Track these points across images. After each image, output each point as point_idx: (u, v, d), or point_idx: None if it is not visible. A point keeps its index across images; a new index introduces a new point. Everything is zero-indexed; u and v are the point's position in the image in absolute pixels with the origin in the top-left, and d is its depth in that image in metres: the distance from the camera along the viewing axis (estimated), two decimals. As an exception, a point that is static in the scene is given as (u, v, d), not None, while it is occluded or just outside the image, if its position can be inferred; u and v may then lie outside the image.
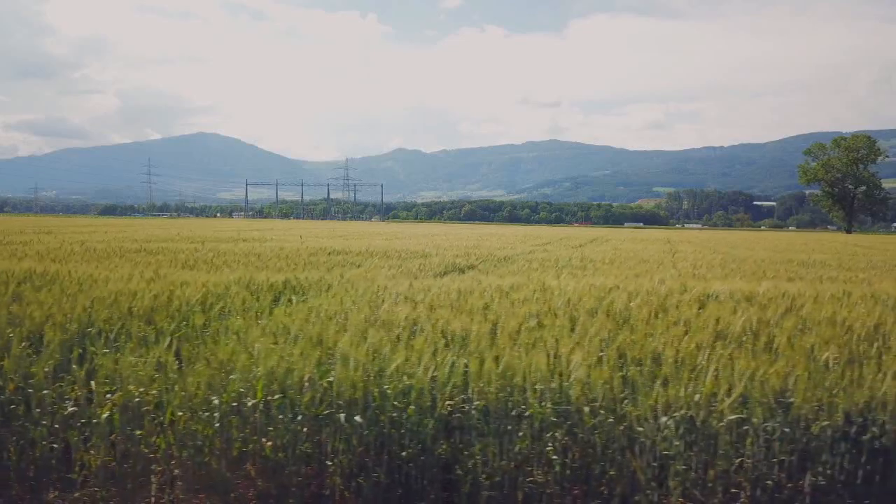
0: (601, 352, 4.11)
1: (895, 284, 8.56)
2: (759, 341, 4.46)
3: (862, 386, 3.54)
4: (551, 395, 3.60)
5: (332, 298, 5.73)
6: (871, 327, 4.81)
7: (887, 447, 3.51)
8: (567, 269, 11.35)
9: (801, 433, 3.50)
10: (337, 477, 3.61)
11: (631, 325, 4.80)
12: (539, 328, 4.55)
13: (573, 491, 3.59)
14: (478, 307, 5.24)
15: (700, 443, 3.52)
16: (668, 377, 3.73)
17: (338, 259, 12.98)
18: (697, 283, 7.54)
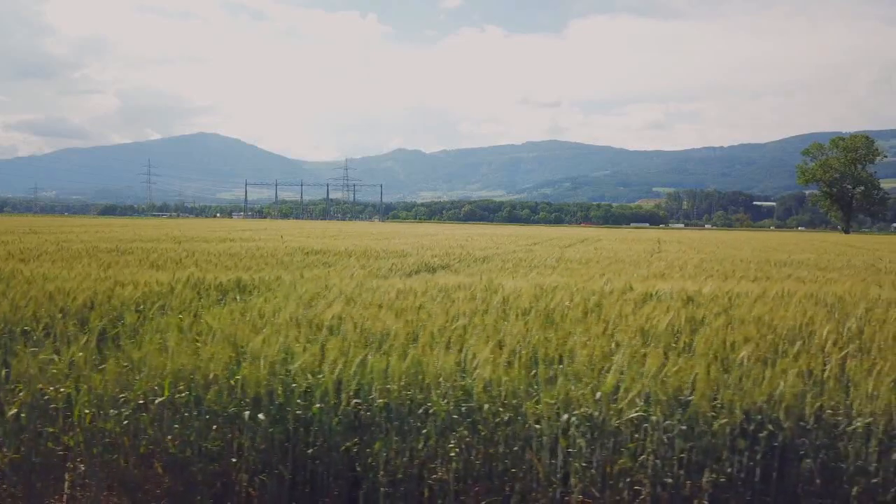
0: (517, 350, 4.14)
1: (854, 285, 8.58)
2: (680, 340, 4.49)
3: (761, 384, 3.57)
4: (454, 393, 3.63)
5: (272, 298, 5.76)
6: (796, 327, 4.83)
7: (784, 445, 3.54)
8: (536, 269, 11.37)
9: (701, 431, 3.53)
10: (243, 474, 3.64)
11: (556, 325, 4.82)
12: (463, 328, 4.58)
13: (475, 488, 3.61)
14: (412, 306, 5.27)
15: (601, 440, 3.55)
16: (578, 375, 3.76)
17: (312, 259, 13.01)
18: (652, 282, 7.57)
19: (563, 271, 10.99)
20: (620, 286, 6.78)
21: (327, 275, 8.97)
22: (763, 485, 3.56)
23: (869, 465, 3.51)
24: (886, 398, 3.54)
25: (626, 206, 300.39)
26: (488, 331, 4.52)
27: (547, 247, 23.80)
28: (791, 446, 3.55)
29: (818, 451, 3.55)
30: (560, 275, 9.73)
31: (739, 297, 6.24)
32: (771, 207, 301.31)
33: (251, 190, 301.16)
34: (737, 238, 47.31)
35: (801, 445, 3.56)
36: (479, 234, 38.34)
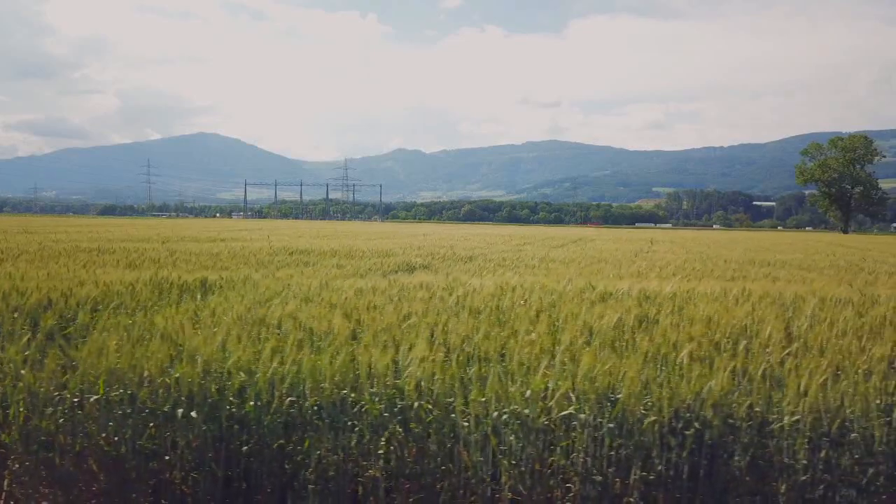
0: (460, 349, 4.16)
1: (825, 286, 8.61)
2: (623, 339, 4.51)
3: (689, 382, 3.59)
4: (387, 392, 3.66)
5: (231, 297, 5.78)
6: (744, 326, 4.85)
7: (713, 443, 3.56)
8: (515, 269, 11.40)
9: (630, 429, 3.55)
10: (177, 471, 3.67)
11: (503, 324, 4.84)
12: (410, 327, 4.60)
13: (406, 486, 3.64)
14: (366, 306, 5.29)
15: (531, 438, 3.57)
16: (511, 374, 3.79)
17: (294, 259, 13.03)
18: (621, 281, 7.59)
19: (540, 271, 11.02)
20: (582, 285, 6.80)
21: (300, 274, 8.99)
22: (692, 482, 3.58)
23: (797, 463, 3.54)
24: (814, 396, 3.56)
25: (625, 207, 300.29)
26: (435, 329, 4.54)
27: (537, 247, 23.81)
28: (720, 444, 3.57)
29: (747, 448, 3.57)
30: (534, 274, 9.75)
31: (699, 297, 6.26)
32: (771, 207, 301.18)
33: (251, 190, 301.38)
34: (733, 238, 47.32)
35: (730, 443, 3.58)
36: (474, 235, 38.35)
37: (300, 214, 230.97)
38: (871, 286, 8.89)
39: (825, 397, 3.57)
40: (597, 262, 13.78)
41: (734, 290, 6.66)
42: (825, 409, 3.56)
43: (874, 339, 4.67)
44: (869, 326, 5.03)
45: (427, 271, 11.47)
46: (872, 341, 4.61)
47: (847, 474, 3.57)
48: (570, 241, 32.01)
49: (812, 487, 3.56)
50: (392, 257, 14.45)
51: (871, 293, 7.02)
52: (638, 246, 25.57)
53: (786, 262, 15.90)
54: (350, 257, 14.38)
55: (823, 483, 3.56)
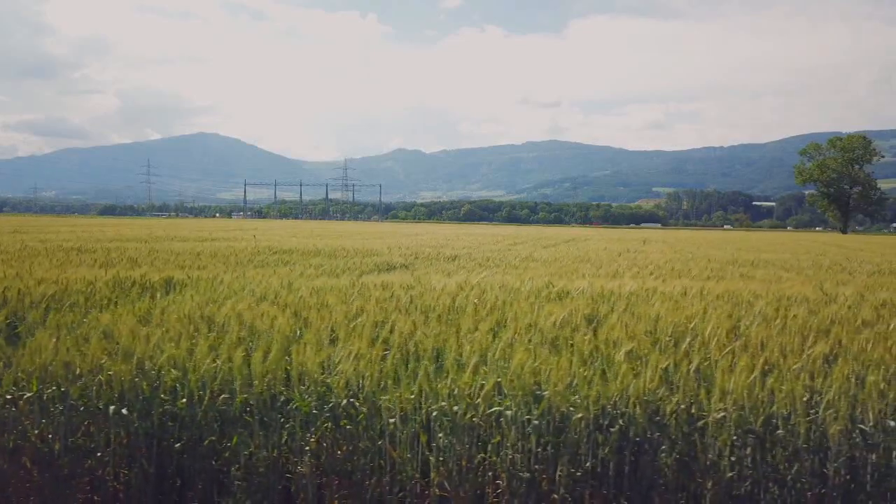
0: (401, 347, 4.19)
1: (794, 285, 8.64)
2: (563, 337, 4.54)
3: (615, 380, 3.62)
4: (317, 389, 3.68)
5: (189, 295, 5.81)
6: (690, 325, 4.88)
7: (637, 439, 3.59)
8: (493, 268, 11.44)
9: (557, 426, 3.58)
10: (110, 468, 3.70)
11: (449, 321, 4.87)
12: (357, 325, 4.63)
13: (335, 482, 3.67)
14: (316, 304, 5.32)
15: (459, 435, 3.59)
16: (446, 371, 3.81)
17: (274, 258, 13.06)
18: (582, 280, 7.61)
19: (517, 270, 11.05)
20: (543, 284, 6.83)
21: (273, 274, 9.01)
22: (619, 479, 3.61)
23: (723, 460, 3.56)
24: (739, 394, 3.59)
25: (625, 207, 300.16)
26: (380, 328, 4.57)
27: (528, 247, 23.83)
28: (647, 441, 3.60)
29: (674, 445, 3.60)
30: (506, 273, 9.78)
31: (658, 295, 6.28)
32: (771, 208, 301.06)
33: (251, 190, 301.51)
34: (728, 238, 47.35)
35: (657, 440, 3.61)
36: (468, 235, 38.37)
37: (300, 214, 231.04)
38: (841, 286, 8.92)
39: (751, 394, 3.60)
40: (579, 261, 13.81)
41: (695, 288, 6.69)
42: (751, 406, 3.58)
43: (818, 338, 4.69)
44: (817, 325, 5.06)
45: (404, 271, 11.49)
46: (815, 339, 4.64)
47: (773, 471, 3.60)
48: (563, 241, 32.03)
49: (738, 484, 3.59)
50: (375, 257, 14.48)
51: (834, 292, 7.05)
52: (629, 246, 25.61)
53: (770, 261, 15.92)
54: (333, 257, 14.40)
55: (749, 480, 3.58)
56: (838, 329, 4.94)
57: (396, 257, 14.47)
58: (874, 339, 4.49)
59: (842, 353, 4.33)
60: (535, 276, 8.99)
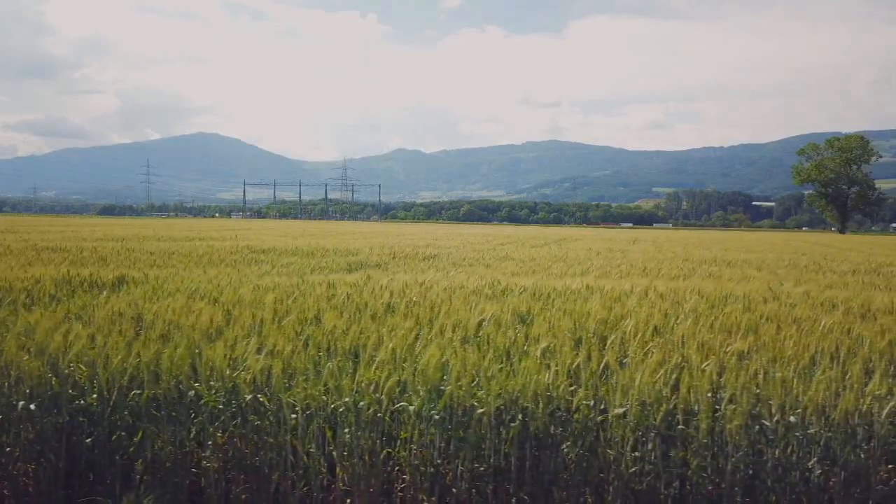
0: (319, 343, 4.23)
1: (754, 284, 8.67)
2: (485, 334, 4.57)
3: (516, 375, 3.65)
4: (225, 384, 3.71)
5: (130, 293, 5.85)
6: (618, 321, 4.91)
7: (538, 434, 3.62)
8: (464, 267, 11.48)
9: (459, 420, 3.61)
10: (20, 464, 3.73)
11: (379, 319, 4.91)
12: (282, 323, 4.66)
13: (240, 477, 3.70)
14: (252, 301, 5.36)
15: (364, 429, 3.62)
16: (358, 367, 3.84)
17: (248, 257, 13.10)
18: (527, 278, 7.65)
19: (487, 269, 11.09)
20: (490, 282, 6.86)
21: (236, 272, 9.05)
22: (520, 474, 3.64)
23: (625, 455, 3.59)
24: (639, 389, 3.62)
25: (624, 207, 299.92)
26: (305, 325, 4.60)
27: (514, 247, 23.86)
28: (550, 436, 3.63)
29: (576, 440, 3.63)
30: (473, 272, 9.81)
31: (599, 293, 6.31)
32: (770, 208, 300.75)
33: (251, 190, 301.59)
34: (721, 238, 47.35)
35: (559, 435, 3.64)
36: (459, 235, 38.41)
37: (299, 214, 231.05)
38: (802, 284, 8.97)
39: (653, 391, 3.62)
40: (554, 261, 13.85)
41: (642, 287, 6.72)
42: (651, 402, 3.61)
43: (745, 335, 4.73)
44: (747, 322, 5.08)
45: (375, 270, 11.53)
46: (740, 336, 4.67)
47: (675, 467, 3.63)
48: (554, 241, 32.05)
49: (640, 479, 3.62)
50: (352, 256, 14.53)
51: (782, 290, 7.08)
52: (616, 245, 25.66)
53: (747, 261, 15.96)
54: (310, 256, 14.45)
55: (651, 475, 3.61)
56: (766, 327, 4.97)
57: (373, 257, 14.52)
58: (796, 336, 4.52)
59: (759, 349, 4.36)
60: (496, 276, 9.03)
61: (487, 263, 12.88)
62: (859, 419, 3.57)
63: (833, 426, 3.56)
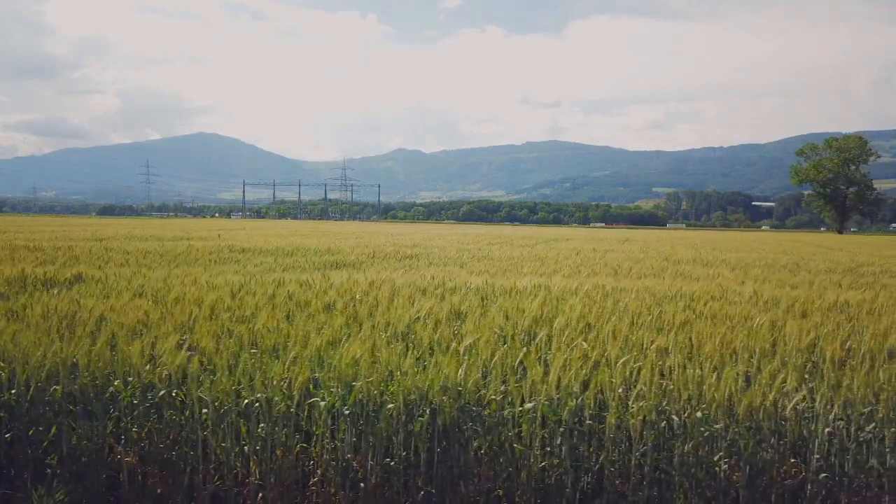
0: (244, 341, 4.28)
1: (707, 284, 8.71)
2: (415, 330, 4.61)
3: (425, 371, 3.69)
4: (142, 380, 3.76)
5: (80, 292, 5.91)
6: (551, 318, 4.95)
7: (449, 429, 3.66)
8: (437, 267, 11.53)
9: (369, 415, 3.66)
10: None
11: (312, 316, 4.95)
12: (211, 320, 4.71)
13: (156, 470, 3.74)
14: (192, 299, 5.41)
15: (276, 424, 3.67)
16: (275, 362, 3.89)
17: (225, 257, 13.14)
18: (473, 277, 7.69)
19: (456, 268, 11.14)
20: (439, 281, 6.91)
21: (203, 272, 9.10)
22: (429, 468, 3.68)
23: (532, 450, 3.63)
24: (548, 385, 3.66)
25: (624, 207, 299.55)
26: (238, 322, 4.65)
27: (501, 247, 23.88)
28: (461, 431, 3.67)
29: (485, 435, 3.67)
30: (438, 272, 9.86)
31: (546, 291, 6.35)
32: (770, 208, 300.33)
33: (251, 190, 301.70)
34: (715, 238, 47.36)
35: (471, 430, 3.69)
36: (452, 235, 38.45)
37: (298, 214, 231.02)
38: (763, 283, 9.01)
39: (561, 386, 3.67)
40: (533, 260, 13.89)
41: (589, 284, 6.76)
42: (559, 397, 3.65)
43: (673, 332, 4.77)
44: (682, 320, 5.13)
45: (349, 269, 11.56)
46: (668, 333, 4.72)
47: (583, 461, 3.68)
48: (545, 240, 32.07)
49: (549, 473, 3.66)
50: (330, 256, 14.57)
51: (734, 290, 7.12)
52: (603, 246, 25.70)
53: (727, 260, 16.00)
54: (288, 255, 14.50)
55: (560, 469, 3.65)
56: (700, 324, 5.01)
57: (351, 256, 14.56)
58: (722, 333, 4.56)
59: (681, 346, 4.41)
60: (461, 275, 9.07)
61: (462, 263, 12.92)
62: (764, 414, 3.62)
63: (738, 421, 3.61)
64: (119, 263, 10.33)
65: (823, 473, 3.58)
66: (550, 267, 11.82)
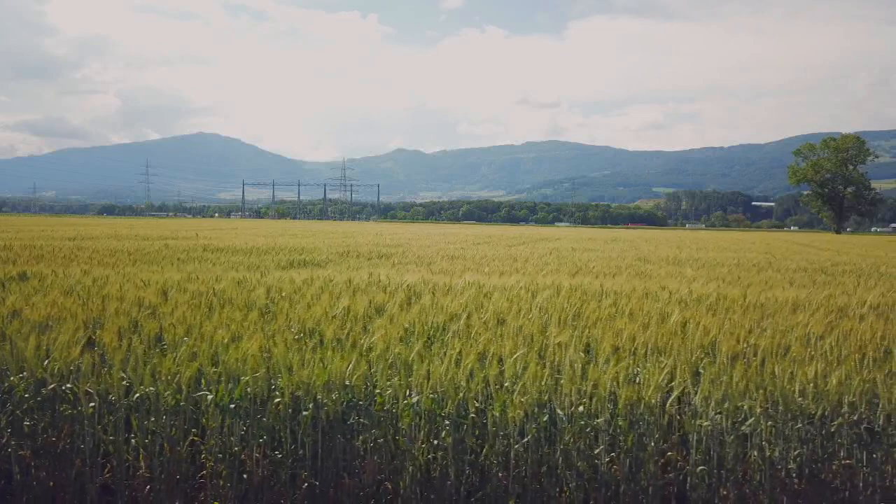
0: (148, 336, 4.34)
1: (656, 283, 8.76)
2: (322, 326, 4.67)
3: (310, 366, 3.75)
4: (34, 376, 3.81)
5: (14, 289, 5.97)
6: (469, 314, 5.01)
7: (331, 423, 3.72)
8: (396, 266, 11.59)
9: (256, 409, 3.71)
10: None
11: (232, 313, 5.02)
12: (117, 315, 4.77)
13: (48, 465, 3.80)
14: (115, 295, 5.47)
15: (164, 418, 3.72)
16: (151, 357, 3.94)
17: (198, 256, 13.19)
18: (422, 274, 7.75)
19: (415, 267, 11.21)
20: (375, 279, 6.98)
21: (161, 270, 9.16)
22: (315, 461, 3.73)
23: (415, 444, 3.69)
24: (434, 380, 3.71)
25: (624, 207, 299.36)
26: (150, 318, 4.70)
27: (489, 247, 23.91)
28: (342, 424, 3.73)
29: (371, 428, 3.72)
30: (395, 271, 9.93)
31: (477, 288, 6.41)
32: (770, 208, 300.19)
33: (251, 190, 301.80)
34: (706, 238, 47.37)
35: (357, 424, 3.74)
36: (442, 234, 38.52)
37: (297, 214, 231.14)
38: (716, 281, 9.05)
39: (449, 379, 3.72)
40: (503, 259, 13.97)
41: (539, 282, 6.82)
42: (444, 391, 3.70)
43: (580, 329, 4.83)
44: (597, 317, 5.18)
45: (312, 267, 11.63)
46: (573, 328, 4.77)
47: (465, 454, 3.73)
48: (532, 240, 32.13)
49: (434, 466, 3.72)
50: (300, 255, 14.64)
51: (675, 287, 7.17)
52: (588, 245, 25.78)
53: (699, 259, 16.07)
54: (261, 254, 14.56)
55: (444, 462, 3.70)
56: (619, 321, 5.06)
57: (321, 255, 14.62)
58: (629, 329, 4.61)
59: (582, 341, 4.46)
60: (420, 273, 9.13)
61: (430, 262, 12.98)
62: (645, 409, 3.67)
63: (620, 415, 3.66)
64: (80, 262, 10.38)
65: (701, 466, 3.63)
66: (513, 266, 11.88)
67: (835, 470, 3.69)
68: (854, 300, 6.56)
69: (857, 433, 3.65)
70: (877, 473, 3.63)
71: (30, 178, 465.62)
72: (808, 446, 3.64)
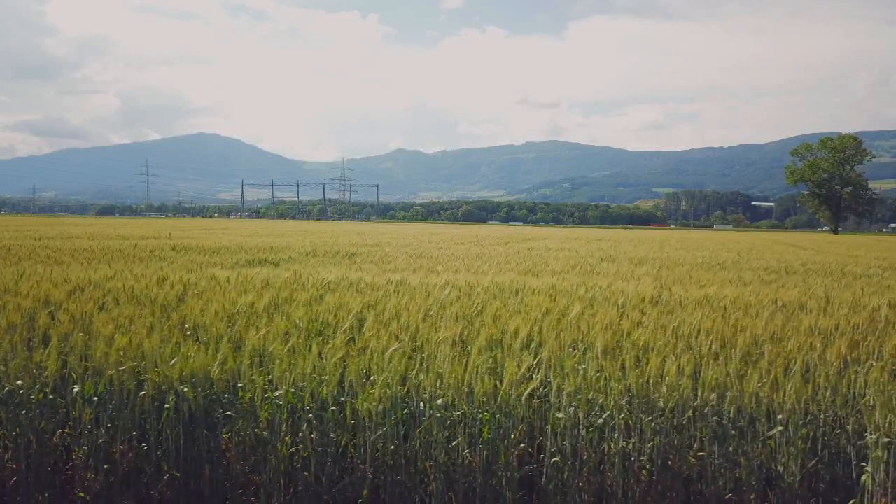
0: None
1: (607, 281, 8.83)
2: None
3: (182, 360, 3.82)
4: None
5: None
6: (398, 311, 5.08)
7: (194, 416, 3.79)
8: (356, 266, 11.67)
9: (124, 401, 3.79)
10: None
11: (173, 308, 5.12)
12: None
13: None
14: (26, 293, 5.55)
15: (36, 411, 3.80)
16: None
17: (159, 254, 13.27)
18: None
19: (371, 265, 11.29)
20: (307, 276, 7.06)
21: (110, 268, 9.23)
22: (178, 451, 3.80)
23: (277, 435, 3.75)
24: (296, 374, 3.78)
25: (624, 207, 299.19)
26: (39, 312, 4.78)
27: (465, 246, 24.01)
28: (205, 417, 3.80)
29: (235, 422, 3.79)
30: (348, 270, 10.00)
31: (400, 286, 6.48)
32: (770, 208, 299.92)
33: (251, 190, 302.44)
34: (697, 238, 47.41)
35: (221, 417, 3.81)
36: (428, 234, 38.62)
37: (297, 214, 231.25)
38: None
39: (309, 373, 3.79)
40: (472, 258, 14.06)
41: (461, 280, 6.89)
42: (314, 384, 3.77)
43: (469, 323, 4.91)
44: (493, 313, 5.24)
45: (270, 266, 11.70)
46: (464, 323, 4.84)
47: (329, 446, 3.79)
48: (518, 240, 32.16)
49: (297, 459, 3.78)
50: (266, 254, 14.73)
51: (604, 285, 7.23)
52: (568, 245, 25.84)
53: (667, 258, 16.13)
54: (228, 253, 14.63)
55: (306, 455, 3.77)
56: (517, 318, 5.12)
57: (286, 255, 14.71)
58: (529, 325, 4.65)
59: (466, 336, 4.53)
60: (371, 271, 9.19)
61: (392, 260, 13.06)
62: (502, 401, 3.73)
63: (477, 407, 3.73)
64: (21, 261, 10.46)
65: (554, 458, 3.70)
66: (473, 264, 11.94)
67: (690, 462, 3.76)
68: (766, 298, 6.62)
69: (709, 425, 3.72)
70: (728, 466, 3.70)
71: (30, 178, 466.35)
72: (660, 438, 3.70)
